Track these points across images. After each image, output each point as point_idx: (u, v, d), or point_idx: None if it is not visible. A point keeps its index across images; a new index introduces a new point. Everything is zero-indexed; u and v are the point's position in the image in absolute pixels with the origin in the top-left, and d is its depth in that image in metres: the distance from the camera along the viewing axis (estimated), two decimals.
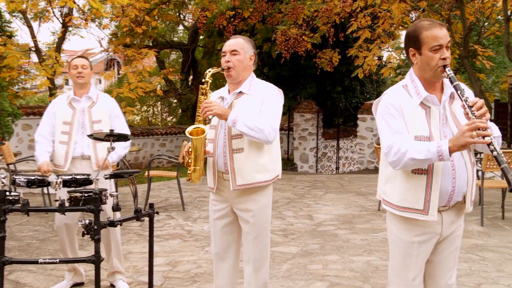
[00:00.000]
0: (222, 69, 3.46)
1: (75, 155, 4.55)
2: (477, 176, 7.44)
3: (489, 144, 2.49)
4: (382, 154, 2.87)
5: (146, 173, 8.54)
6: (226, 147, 3.43)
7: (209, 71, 3.46)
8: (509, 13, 14.58)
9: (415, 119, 2.72)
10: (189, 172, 3.44)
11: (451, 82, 2.67)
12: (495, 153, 2.49)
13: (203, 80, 3.50)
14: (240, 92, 3.48)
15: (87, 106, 4.64)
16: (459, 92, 2.64)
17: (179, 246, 6.19)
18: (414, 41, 2.74)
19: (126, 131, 4.73)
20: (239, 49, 3.46)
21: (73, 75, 4.61)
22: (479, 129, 2.47)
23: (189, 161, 3.42)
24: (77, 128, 4.57)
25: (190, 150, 3.41)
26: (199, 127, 3.37)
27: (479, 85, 15.49)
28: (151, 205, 4.04)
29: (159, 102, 21.64)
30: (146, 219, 3.96)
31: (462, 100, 2.61)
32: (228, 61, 3.45)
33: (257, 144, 3.39)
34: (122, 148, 4.66)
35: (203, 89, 3.46)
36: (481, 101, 2.56)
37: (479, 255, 5.76)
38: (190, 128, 3.39)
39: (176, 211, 8.22)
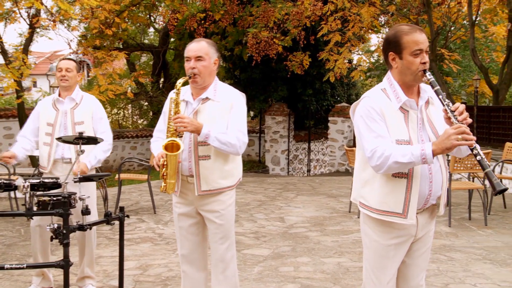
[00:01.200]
0: (188, 76, 3.43)
1: (56, 157, 4.50)
2: None
3: (472, 148, 2.53)
4: (360, 157, 2.89)
5: (117, 176, 8.46)
6: (191, 153, 3.42)
7: (180, 82, 3.41)
8: (474, 18, 14.91)
9: (395, 123, 2.74)
10: (164, 184, 3.43)
11: (432, 87, 2.69)
12: (478, 157, 2.52)
13: (174, 92, 3.46)
14: (206, 98, 3.47)
15: (70, 108, 4.58)
16: (441, 96, 2.66)
17: (150, 250, 6.14)
18: (394, 46, 2.74)
19: (109, 133, 4.68)
20: (203, 54, 3.42)
21: (57, 78, 4.56)
22: (463, 134, 2.51)
23: (164, 174, 3.40)
24: (59, 130, 4.51)
25: (164, 163, 3.38)
26: (174, 141, 3.34)
27: (447, 88, 15.79)
28: (122, 209, 3.99)
29: (129, 105, 21.46)
30: (117, 222, 3.91)
31: (444, 105, 2.63)
32: (194, 68, 3.41)
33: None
34: (102, 152, 4.59)
35: (174, 100, 3.43)
36: (462, 106, 2.60)
37: (447, 256, 5.85)
38: (164, 142, 3.36)
39: (147, 214, 8.16)
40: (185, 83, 3.46)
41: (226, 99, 3.46)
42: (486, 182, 8.38)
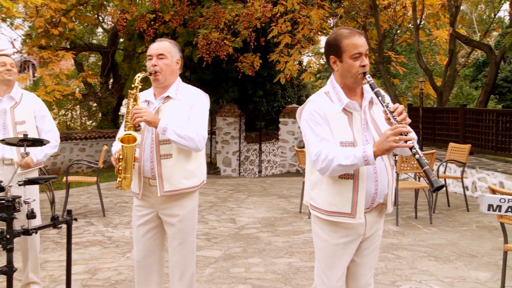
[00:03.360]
0: (149, 73, 3.40)
1: None
2: None
3: (411, 148, 2.59)
4: (309, 160, 2.92)
5: (64, 179, 8.27)
6: (153, 153, 3.37)
7: (138, 76, 3.38)
8: (418, 22, 15.35)
9: (339, 125, 2.78)
10: (119, 179, 3.36)
11: (372, 89, 2.75)
12: (417, 156, 2.58)
13: (132, 86, 3.42)
14: (167, 96, 3.45)
15: (10, 107, 4.41)
16: (380, 98, 2.72)
17: (99, 253, 6.04)
18: (334, 49, 2.80)
19: (55, 131, 4.56)
20: (166, 52, 3.41)
21: (1, 72, 4.36)
22: (401, 134, 2.57)
23: (120, 168, 3.33)
24: None
25: (120, 157, 3.31)
26: (130, 134, 3.29)
27: (394, 90, 16.18)
28: (69, 212, 3.91)
29: (78, 106, 21.00)
30: (64, 226, 3.83)
31: (383, 106, 2.70)
32: (155, 65, 3.39)
33: (186, 150, 3.37)
34: (49, 147, 4.47)
35: (132, 95, 3.38)
36: (401, 107, 2.66)
37: (394, 254, 6.00)
38: (121, 135, 3.31)
39: (96, 217, 8.01)
40: (144, 79, 3.43)
41: (188, 98, 3.44)
42: (430, 186, 8.64)
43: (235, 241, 6.62)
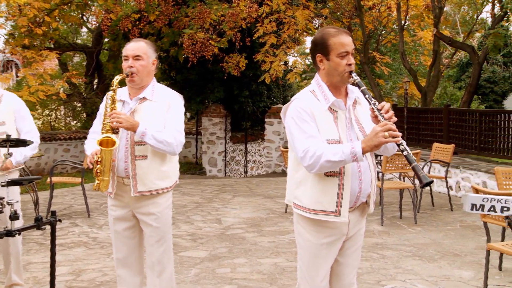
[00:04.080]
0: (126, 75, 3.40)
1: None
2: (378, 177, 7.80)
3: (399, 145, 2.62)
4: (292, 159, 2.93)
5: (48, 180, 8.19)
6: (128, 153, 3.38)
7: (116, 79, 3.38)
8: (402, 22, 15.46)
9: (325, 123, 2.79)
10: (97, 182, 3.35)
11: (359, 87, 2.78)
12: (405, 152, 2.61)
13: (110, 88, 3.42)
14: (144, 97, 3.44)
15: None
16: (367, 96, 2.75)
17: (84, 254, 6.00)
18: (321, 47, 2.81)
19: (35, 132, 4.51)
20: (142, 54, 3.41)
21: None
22: (390, 130, 2.60)
23: (98, 171, 3.33)
24: None
25: (98, 159, 3.31)
26: (109, 137, 3.29)
27: (379, 90, 16.28)
28: (53, 213, 3.87)
29: (62, 106, 20.83)
30: (48, 227, 3.80)
31: (370, 104, 2.72)
32: (131, 66, 3.38)
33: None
34: (29, 149, 4.42)
35: (110, 96, 3.38)
36: (388, 105, 2.70)
37: (379, 253, 6.04)
38: (99, 138, 3.30)
39: (81, 218, 7.96)
40: (122, 81, 3.42)
41: (163, 99, 3.45)
42: (416, 181, 8.70)
43: (221, 242, 6.61)
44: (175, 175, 3.59)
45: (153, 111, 3.41)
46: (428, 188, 9.33)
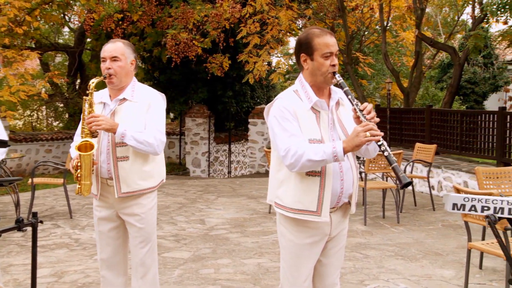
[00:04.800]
0: (104, 77, 3.37)
1: None
2: (360, 177, 7.85)
3: (380, 145, 2.64)
4: (275, 158, 2.94)
5: (30, 181, 8.10)
6: (109, 154, 3.36)
7: (93, 82, 3.37)
8: (385, 23, 15.57)
9: (308, 123, 2.80)
10: (79, 186, 3.34)
11: (342, 88, 2.79)
12: (386, 153, 2.63)
13: (87, 92, 3.39)
14: (124, 98, 3.43)
15: None
16: (350, 97, 2.77)
17: (66, 256, 5.95)
18: (306, 47, 2.82)
19: (3, 136, 4.46)
20: (119, 55, 3.39)
21: None
22: (371, 130, 2.62)
23: (78, 175, 3.31)
24: None
25: (78, 164, 3.30)
26: (87, 141, 3.27)
27: (362, 91, 16.37)
28: (35, 214, 3.83)
29: (44, 106, 20.63)
30: (29, 229, 3.76)
31: (353, 104, 2.74)
32: (109, 68, 3.37)
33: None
34: None
35: (87, 100, 3.36)
36: (370, 105, 2.72)
37: (362, 253, 6.07)
38: (78, 143, 3.28)
39: (63, 219, 7.88)
40: (98, 83, 3.40)
41: (144, 99, 3.43)
42: (398, 182, 8.78)
43: (204, 242, 6.60)
44: (160, 175, 3.57)
45: (133, 112, 3.39)
46: (410, 188, 9.41)
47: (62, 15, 17.33)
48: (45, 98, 14.14)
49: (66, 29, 22.49)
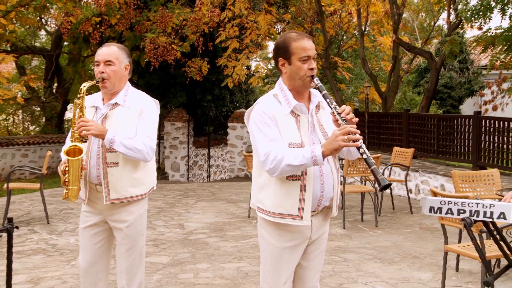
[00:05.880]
0: (97, 81, 3.34)
1: None
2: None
3: (359, 148, 2.65)
4: (256, 163, 2.94)
5: (5, 186, 7.99)
6: (99, 160, 3.32)
7: (84, 86, 3.32)
8: (363, 28, 15.71)
9: (288, 127, 2.81)
10: (66, 191, 3.29)
11: (320, 91, 2.80)
12: (365, 155, 2.64)
13: (78, 96, 3.35)
14: (116, 103, 3.40)
15: None
16: (328, 100, 2.77)
17: (43, 262, 5.87)
18: (283, 51, 2.83)
19: None
20: (113, 59, 3.35)
21: None
22: (349, 134, 2.63)
23: (66, 180, 3.27)
24: None
25: (66, 169, 3.25)
26: (76, 146, 3.23)
27: (340, 95, 16.48)
28: (10, 219, 3.78)
29: (20, 111, 20.37)
30: (4, 234, 3.70)
31: (331, 108, 2.75)
32: (103, 72, 3.32)
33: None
34: None
35: (78, 105, 3.31)
36: (348, 108, 2.73)
37: (341, 257, 6.10)
38: (66, 147, 3.24)
39: (39, 225, 7.78)
40: (91, 88, 3.37)
41: (136, 105, 3.40)
42: (377, 184, 8.85)
43: (183, 247, 6.57)
44: (151, 181, 3.53)
45: (125, 117, 3.36)
46: (388, 191, 9.49)
47: (38, 18, 17.16)
48: (21, 102, 13.94)
49: (42, 32, 22.27)
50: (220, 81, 15.61)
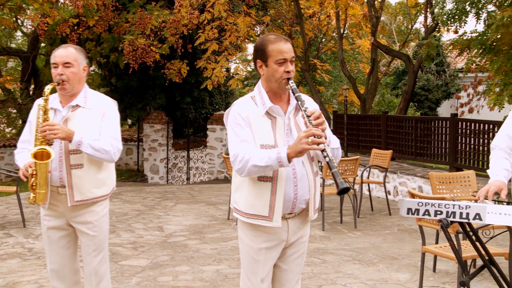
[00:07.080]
0: (57, 83, 3.31)
1: None
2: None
3: (322, 151, 2.66)
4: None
5: None
6: (62, 162, 3.30)
7: (48, 89, 3.30)
8: (342, 31, 15.81)
9: (262, 128, 2.83)
10: (33, 195, 3.26)
11: (293, 94, 2.82)
12: (327, 159, 2.66)
13: (42, 98, 3.32)
14: (76, 105, 3.37)
15: None
16: (299, 102, 2.80)
17: (19, 266, 5.79)
18: (261, 54, 2.86)
19: None
20: (72, 61, 3.33)
21: None
22: (314, 137, 2.64)
23: (33, 184, 3.23)
24: None
25: (34, 172, 3.22)
26: (44, 149, 3.20)
27: (319, 97, 16.56)
28: None
29: None
30: None
31: (301, 110, 2.77)
32: (62, 74, 3.30)
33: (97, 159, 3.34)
34: None
35: (42, 107, 3.29)
36: (318, 111, 2.75)
37: (320, 258, 6.13)
38: (33, 150, 3.20)
39: (15, 228, 7.67)
40: (53, 90, 3.34)
41: (98, 106, 3.39)
42: (356, 186, 8.91)
43: (163, 249, 6.54)
44: (112, 182, 3.55)
45: (87, 119, 3.35)
46: (367, 193, 9.56)
47: (14, 19, 16.92)
48: None
49: (19, 33, 21.97)
50: (199, 83, 15.56)
